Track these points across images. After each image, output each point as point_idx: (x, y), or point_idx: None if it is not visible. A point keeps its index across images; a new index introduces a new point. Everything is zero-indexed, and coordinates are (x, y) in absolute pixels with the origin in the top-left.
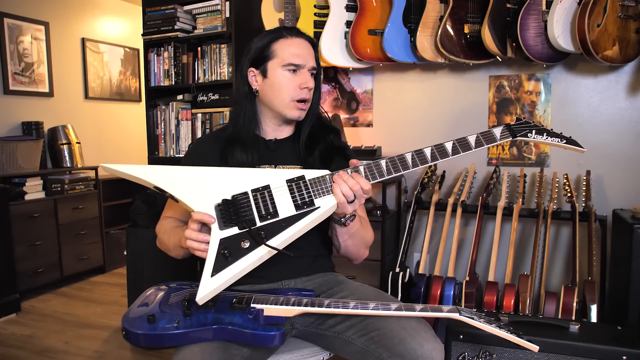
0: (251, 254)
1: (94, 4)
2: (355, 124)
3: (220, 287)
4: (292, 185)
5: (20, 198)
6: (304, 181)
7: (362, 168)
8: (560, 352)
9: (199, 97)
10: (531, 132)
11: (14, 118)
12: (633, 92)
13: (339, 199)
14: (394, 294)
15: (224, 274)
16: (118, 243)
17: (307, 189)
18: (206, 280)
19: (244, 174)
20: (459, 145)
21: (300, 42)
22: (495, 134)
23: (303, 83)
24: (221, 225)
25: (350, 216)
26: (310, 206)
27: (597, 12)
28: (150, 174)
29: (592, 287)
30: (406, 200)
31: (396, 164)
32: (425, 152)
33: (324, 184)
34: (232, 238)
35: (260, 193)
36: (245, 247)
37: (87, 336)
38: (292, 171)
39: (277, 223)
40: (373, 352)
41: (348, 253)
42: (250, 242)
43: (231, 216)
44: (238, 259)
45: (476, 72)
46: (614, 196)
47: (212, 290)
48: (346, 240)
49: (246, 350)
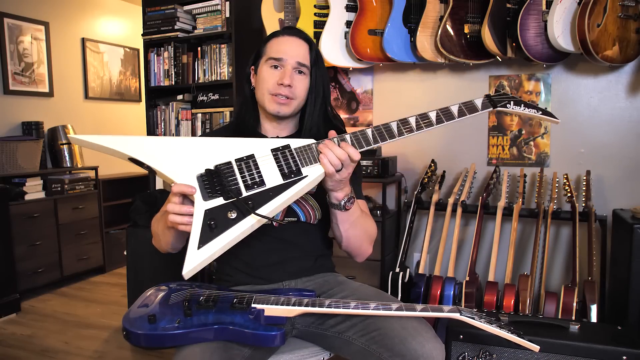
0: (239, 223)
1: (94, 4)
2: (355, 124)
3: (208, 259)
4: (277, 154)
5: (20, 198)
6: (289, 150)
7: (349, 137)
8: (560, 352)
9: (199, 97)
10: (509, 103)
11: (14, 118)
12: (633, 92)
13: (327, 168)
14: (394, 294)
15: (211, 246)
16: (118, 243)
17: (292, 158)
18: (192, 253)
19: (226, 143)
20: (442, 115)
21: (289, 39)
22: (476, 104)
23: (280, 78)
24: (205, 196)
25: (349, 199)
26: (298, 175)
27: (597, 12)
28: (123, 145)
29: (592, 287)
30: (406, 200)
31: (382, 133)
32: (409, 121)
33: (310, 153)
34: (218, 209)
35: (245, 162)
36: (232, 218)
37: (87, 336)
38: (276, 140)
39: (265, 192)
40: (374, 352)
41: (350, 246)
42: (237, 212)
43: (215, 186)
44: (225, 230)
45: (476, 72)
46: (614, 196)
47: (199, 263)
48: (347, 230)
49: (247, 350)
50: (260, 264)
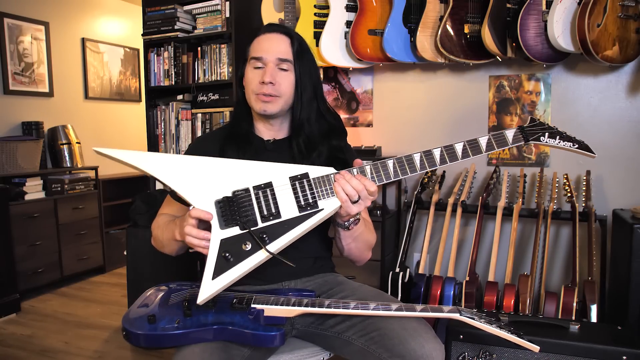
0: (252, 257)
1: (94, 4)
2: (355, 124)
3: (221, 289)
4: (295, 184)
5: (20, 198)
6: (307, 180)
7: (369, 168)
8: (560, 352)
9: (199, 97)
10: (544, 136)
11: (14, 118)
12: (633, 92)
13: (342, 198)
14: (394, 294)
15: (224, 277)
16: (118, 243)
17: (310, 189)
18: (207, 283)
19: (245, 166)
20: (470, 148)
21: (268, 37)
22: (507, 137)
23: (261, 78)
24: (222, 225)
25: (354, 220)
26: (314, 208)
27: (597, 12)
28: (147, 163)
29: (592, 287)
30: (406, 200)
31: (404, 166)
32: (434, 154)
33: (328, 185)
34: (234, 239)
35: (262, 191)
36: (247, 250)
37: (87, 336)
38: (295, 167)
39: (280, 224)
40: (373, 353)
41: (351, 255)
42: (252, 244)
43: (233, 215)
44: (239, 262)
45: (476, 72)
46: (614, 196)
47: (213, 292)
48: (350, 244)
49: (246, 350)
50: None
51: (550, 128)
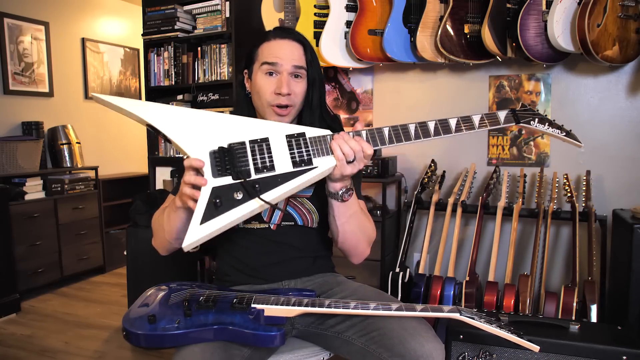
0: (243, 205)
1: (94, 4)
2: (355, 124)
3: (208, 235)
4: (291, 140)
5: (20, 198)
6: (304, 138)
7: (364, 132)
8: (560, 352)
9: (199, 97)
10: (534, 120)
11: (14, 118)
12: (633, 92)
13: (338, 156)
14: (394, 294)
15: (213, 223)
16: (118, 243)
17: (306, 147)
18: (194, 228)
19: (243, 123)
20: (463, 123)
21: (282, 43)
22: (499, 117)
23: (277, 88)
24: (215, 173)
25: (347, 189)
26: (308, 164)
27: (597, 12)
28: (144, 110)
29: (592, 287)
30: (406, 200)
31: (399, 133)
32: (428, 126)
33: (324, 144)
34: (225, 188)
35: (259, 145)
36: (238, 199)
37: (87, 336)
38: (292, 127)
39: (273, 178)
40: (373, 352)
41: (346, 243)
42: (243, 193)
43: (226, 165)
44: (229, 210)
45: (476, 72)
46: (614, 196)
47: (199, 238)
48: (344, 224)
49: (247, 350)
50: (259, 265)
51: (540, 115)
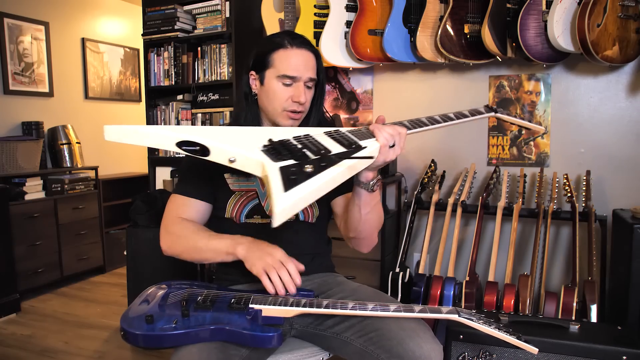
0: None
1: (94, 4)
2: (355, 124)
3: (298, 202)
4: (331, 133)
5: (20, 198)
6: (340, 133)
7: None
8: (560, 352)
9: (199, 97)
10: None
11: (14, 118)
12: (633, 92)
13: (382, 142)
14: (393, 294)
15: (300, 189)
16: (118, 243)
17: (347, 137)
18: (279, 196)
19: (278, 129)
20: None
21: (300, 53)
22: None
23: (295, 96)
24: (274, 159)
25: (377, 180)
26: (357, 145)
27: (597, 12)
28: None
29: (592, 287)
30: (406, 200)
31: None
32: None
33: (361, 133)
34: (291, 165)
35: (304, 137)
36: (309, 171)
37: (87, 336)
38: (325, 128)
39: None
40: (372, 353)
41: (365, 232)
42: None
43: (282, 152)
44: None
45: (476, 72)
46: (614, 196)
47: (289, 205)
48: (368, 213)
49: (244, 350)
50: None
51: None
